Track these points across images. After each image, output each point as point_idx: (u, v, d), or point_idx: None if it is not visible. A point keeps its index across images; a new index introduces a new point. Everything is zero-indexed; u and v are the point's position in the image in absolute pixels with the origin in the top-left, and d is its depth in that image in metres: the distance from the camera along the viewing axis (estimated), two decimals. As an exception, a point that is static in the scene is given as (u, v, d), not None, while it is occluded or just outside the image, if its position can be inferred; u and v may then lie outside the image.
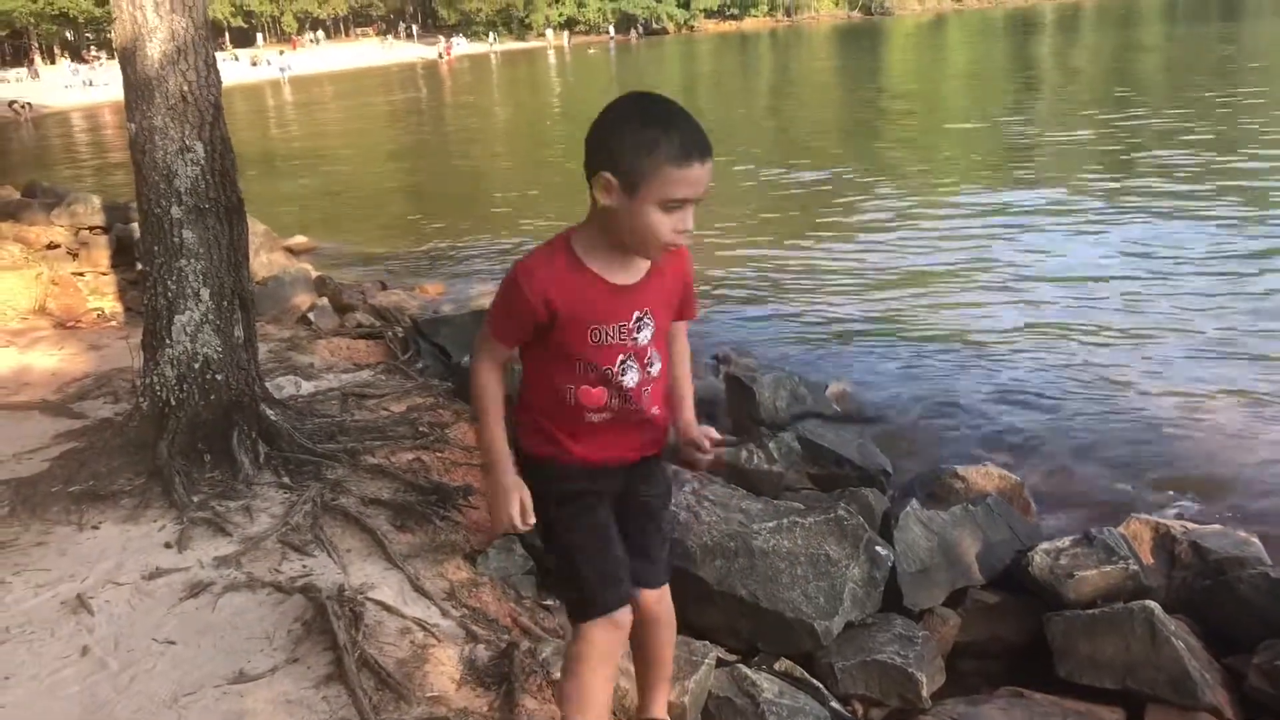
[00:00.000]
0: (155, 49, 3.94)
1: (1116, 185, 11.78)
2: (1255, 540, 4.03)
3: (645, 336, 2.17)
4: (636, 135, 1.97)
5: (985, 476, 4.75)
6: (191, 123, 4.03)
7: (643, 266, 2.15)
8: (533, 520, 2.14)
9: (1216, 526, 4.19)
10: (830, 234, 10.68)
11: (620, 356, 2.15)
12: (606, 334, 2.13)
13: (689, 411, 2.39)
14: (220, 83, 4.18)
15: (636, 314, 2.15)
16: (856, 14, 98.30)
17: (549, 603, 3.51)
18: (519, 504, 2.13)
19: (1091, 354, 6.54)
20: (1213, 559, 3.90)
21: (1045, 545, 3.86)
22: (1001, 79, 29.65)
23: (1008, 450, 5.46)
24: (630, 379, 2.17)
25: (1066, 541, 3.85)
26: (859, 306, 8.06)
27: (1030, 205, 11.19)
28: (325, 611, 3.04)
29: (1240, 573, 3.71)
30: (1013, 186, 12.23)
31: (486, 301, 7.97)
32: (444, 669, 2.92)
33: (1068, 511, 4.79)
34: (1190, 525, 4.16)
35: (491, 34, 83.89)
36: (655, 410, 2.26)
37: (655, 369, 2.21)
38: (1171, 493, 4.93)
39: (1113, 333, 6.86)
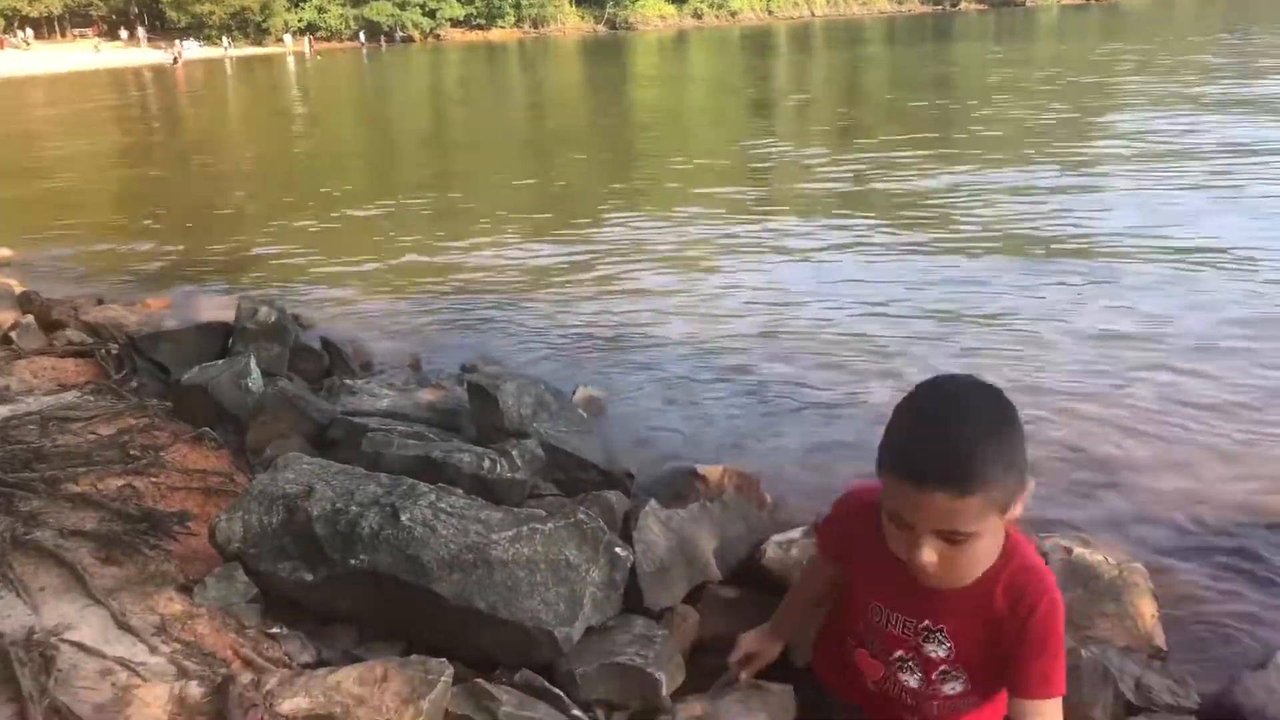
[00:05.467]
0: None
1: (853, 205, 12.44)
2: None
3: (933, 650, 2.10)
4: (890, 430, 1.83)
5: (725, 474, 4.84)
6: None
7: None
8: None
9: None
10: (577, 243, 10.73)
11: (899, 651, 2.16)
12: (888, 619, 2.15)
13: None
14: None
15: (927, 622, 2.08)
16: (602, 28, 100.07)
17: (275, 631, 3.30)
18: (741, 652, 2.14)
19: (838, 355, 6.79)
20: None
21: (777, 537, 3.95)
22: (741, 94, 30.84)
23: (750, 448, 5.59)
24: (909, 680, 2.17)
25: (797, 533, 3.95)
26: (608, 314, 8.10)
27: (773, 218, 11.64)
28: (8, 659, 2.73)
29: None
30: (754, 199, 12.71)
31: (216, 314, 7.56)
32: (149, 710, 2.67)
33: (803, 504, 4.94)
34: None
35: (225, 38, 79.96)
36: None
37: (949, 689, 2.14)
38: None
39: (866, 337, 7.11)
